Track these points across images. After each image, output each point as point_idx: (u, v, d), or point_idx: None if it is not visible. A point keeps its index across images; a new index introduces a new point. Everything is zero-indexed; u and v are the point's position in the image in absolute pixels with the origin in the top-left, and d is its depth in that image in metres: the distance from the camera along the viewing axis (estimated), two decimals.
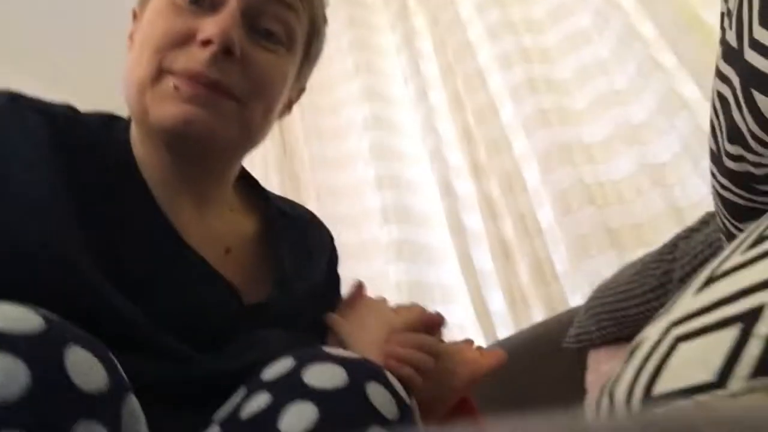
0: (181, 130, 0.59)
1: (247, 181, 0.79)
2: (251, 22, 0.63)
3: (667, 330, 0.33)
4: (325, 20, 0.76)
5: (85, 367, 0.38)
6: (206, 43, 0.59)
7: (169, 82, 0.59)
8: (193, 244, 0.63)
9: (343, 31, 2.26)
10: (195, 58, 0.59)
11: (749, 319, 0.28)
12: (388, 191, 1.90)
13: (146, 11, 0.65)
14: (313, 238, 0.81)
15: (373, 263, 1.94)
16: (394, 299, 1.71)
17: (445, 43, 2.06)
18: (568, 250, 1.62)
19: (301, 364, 0.50)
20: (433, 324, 0.72)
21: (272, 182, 2.19)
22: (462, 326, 1.75)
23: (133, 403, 0.42)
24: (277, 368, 0.51)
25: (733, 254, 0.33)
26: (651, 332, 0.34)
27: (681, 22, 1.60)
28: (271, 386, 0.50)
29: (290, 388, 0.49)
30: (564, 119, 1.75)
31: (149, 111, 0.60)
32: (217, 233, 0.68)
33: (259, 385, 0.51)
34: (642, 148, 1.64)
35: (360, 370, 0.50)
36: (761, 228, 0.33)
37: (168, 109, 0.59)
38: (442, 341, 0.72)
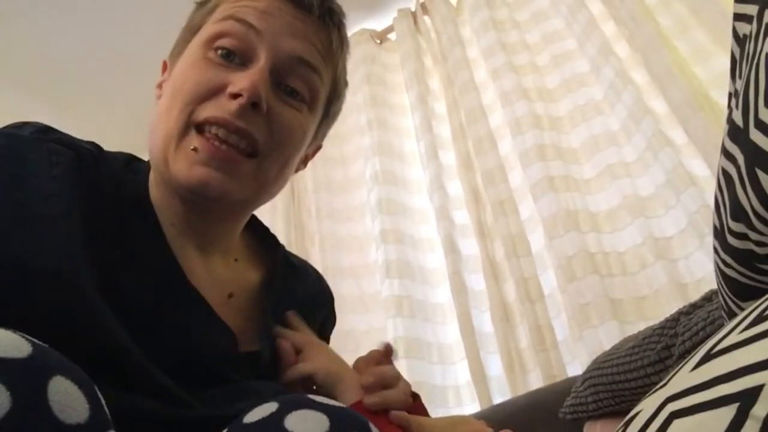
0: (198, 191, 0.62)
1: (257, 229, 0.80)
2: (278, 79, 0.66)
3: (663, 404, 0.32)
4: (346, 83, 0.79)
5: (66, 399, 0.38)
6: (236, 96, 0.61)
7: (192, 142, 0.62)
8: (197, 285, 0.64)
9: (360, 86, 2.31)
10: (224, 107, 0.62)
11: (746, 399, 0.28)
12: (392, 246, 1.90)
13: (177, 64, 0.68)
14: (315, 294, 0.83)
15: (372, 317, 1.92)
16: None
17: (459, 104, 2.09)
18: (569, 318, 1.60)
19: (285, 409, 0.49)
20: None
21: (279, 230, 2.19)
22: (457, 388, 1.72)
23: None
24: (259, 412, 0.50)
25: (732, 332, 0.33)
26: (647, 405, 0.34)
27: (692, 100, 1.63)
28: (252, 429, 0.49)
29: None
30: (572, 187, 1.76)
31: (170, 164, 0.63)
32: (221, 279, 0.69)
33: (240, 429, 0.50)
34: (648, 221, 1.64)
35: (343, 419, 0.49)
36: (761, 307, 0.33)
37: (187, 168, 0.62)
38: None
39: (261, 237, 0.80)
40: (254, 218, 0.79)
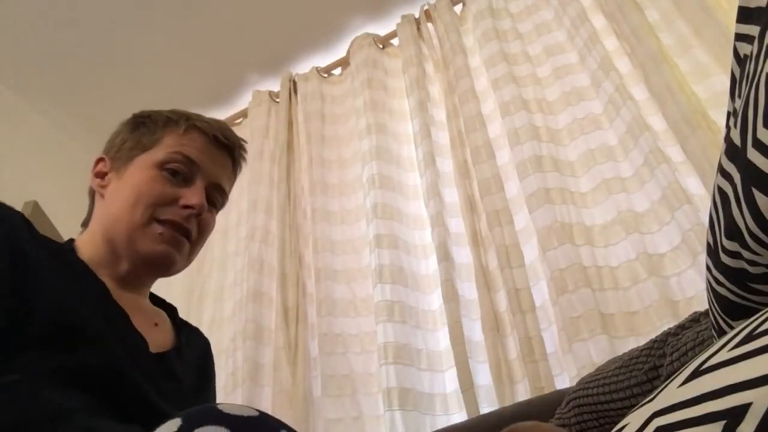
0: (161, 262, 0.91)
1: (156, 298, 1.05)
2: (207, 196, 0.97)
3: (650, 419, 0.32)
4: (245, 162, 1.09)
5: None
6: (187, 207, 0.91)
7: (157, 229, 0.90)
8: (130, 313, 0.86)
9: (361, 91, 2.31)
10: (178, 214, 0.91)
11: (733, 417, 0.28)
12: (386, 251, 1.90)
13: (128, 170, 0.94)
14: (206, 346, 1.08)
15: (363, 321, 1.92)
16: (379, 361, 1.69)
17: (458, 112, 2.10)
18: (559, 330, 1.61)
19: (187, 427, 0.49)
20: None
21: (273, 231, 2.19)
22: (445, 396, 1.72)
23: None
24: (165, 428, 0.50)
25: (721, 350, 0.33)
26: (633, 419, 0.34)
27: (690, 118, 1.64)
28: None
29: None
30: (567, 200, 1.77)
31: (137, 243, 0.89)
32: (148, 315, 0.95)
33: None
34: (642, 237, 1.64)
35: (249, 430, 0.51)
36: (751, 326, 0.33)
37: (154, 246, 0.89)
38: None
39: (161, 303, 1.04)
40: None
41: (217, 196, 1.00)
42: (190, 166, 0.94)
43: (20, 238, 0.79)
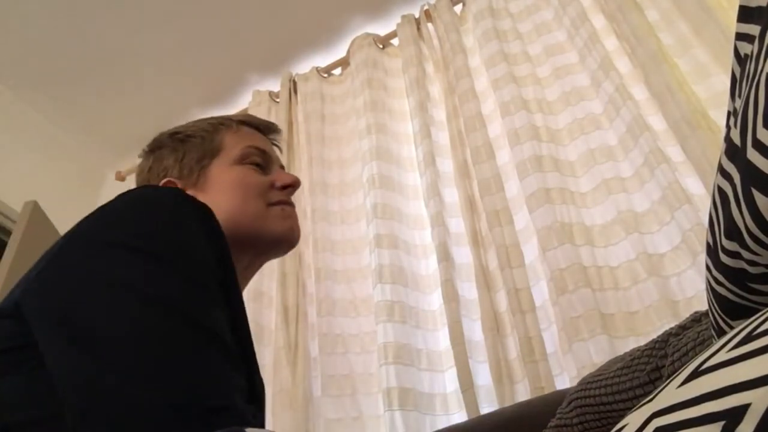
0: (292, 236, 0.97)
1: None
2: None
3: (649, 419, 0.32)
4: None
5: None
6: (286, 186, 0.99)
7: (276, 210, 0.96)
8: None
9: (361, 90, 2.31)
10: (283, 194, 0.99)
11: (732, 417, 0.28)
12: (386, 251, 1.90)
13: (209, 179, 0.96)
14: None
15: (363, 321, 1.92)
16: (379, 361, 1.69)
17: (458, 112, 2.10)
18: (559, 330, 1.60)
19: None
20: None
21: None
22: (445, 395, 1.72)
23: None
24: None
25: (720, 350, 0.33)
26: (633, 419, 0.34)
27: (690, 118, 1.64)
28: None
29: None
30: (567, 200, 1.77)
31: (265, 228, 0.94)
32: None
33: None
34: (642, 237, 1.64)
35: None
36: (751, 327, 0.33)
37: (283, 224, 0.96)
38: None
39: None
40: None
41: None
42: (263, 155, 1.01)
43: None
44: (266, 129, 1.08)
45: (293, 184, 1.00)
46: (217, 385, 0.54)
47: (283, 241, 0.96)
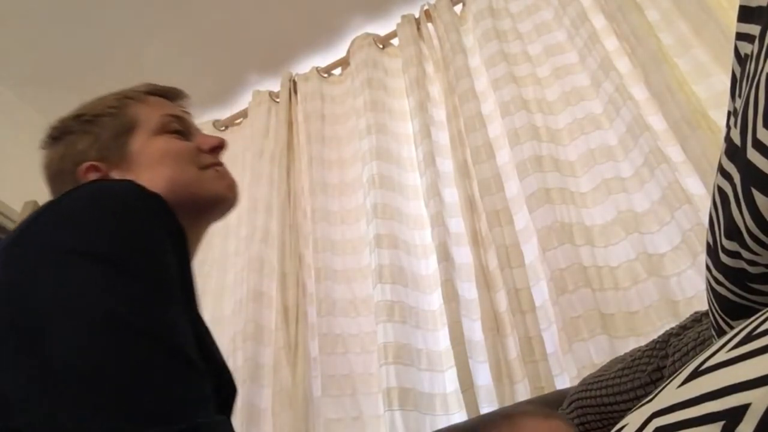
0: (232, 195, 0.95)
1: None
2: None
3: (649, 419, 0.32)
4: None
5: None
6: (214, 148, 0.97)
7: (210, 173, 0.93)
8: None
9: (361, 90, 2.31)
10: (211, 156, 0.96)
11: (732, 417, 0.28)
12: (386, 251, 1.90)
13: (133, 154, 0.91)
14: None
15: (363, 321, 1.92)
16: (379, 361, 1.69)
17: (458, 112, 2.10)
18: (559, 330, 1.60)
19: None
20: None
21: (273, 231, 2.19)
22: (445, 395, 1.72)
23: None
24: None
25: (720, 350, 0.33)
26: (633, 419, 0.34)
27: (690, 118, 1.64)
28: None
29: None
30: (567, 199, 1.77)
31: (203, 191, 0.90)
32: None
33: None
34: (642, 237, 1.64)
35: None
36: (751, 327, 0.33)
37: (221, 184, 0.93)
38: None
39: None
40: None
41: None
42: (181, 122, 0.98)
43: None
44: (174, 95, 1.04)
45: (220, 145, 0.97)
46: (183, 406, 0.51)
47: (225, 199, 0.93)
